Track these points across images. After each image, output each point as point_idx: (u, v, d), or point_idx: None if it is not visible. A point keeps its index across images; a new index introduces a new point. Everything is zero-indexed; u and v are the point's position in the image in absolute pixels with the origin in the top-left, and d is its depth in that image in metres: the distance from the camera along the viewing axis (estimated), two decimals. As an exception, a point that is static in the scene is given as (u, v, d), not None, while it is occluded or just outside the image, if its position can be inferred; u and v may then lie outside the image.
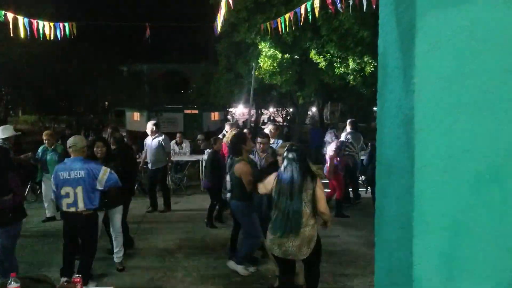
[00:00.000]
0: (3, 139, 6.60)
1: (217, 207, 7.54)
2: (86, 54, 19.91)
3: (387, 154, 1.45)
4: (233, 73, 14.12)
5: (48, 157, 7.32)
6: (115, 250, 5.57)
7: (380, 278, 1.52)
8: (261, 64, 12.32)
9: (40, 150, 7.52)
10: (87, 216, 4.73)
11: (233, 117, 28.08)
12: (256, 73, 12.54)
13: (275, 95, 14.63)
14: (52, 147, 7.39)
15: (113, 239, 5.61)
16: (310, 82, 12.99)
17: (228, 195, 5.61)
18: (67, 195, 4.63)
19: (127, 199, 6.21)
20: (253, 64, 12.66)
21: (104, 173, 4.72)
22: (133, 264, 5.81)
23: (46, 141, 7.40)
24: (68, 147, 4.84)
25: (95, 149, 5.37)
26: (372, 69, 11.68)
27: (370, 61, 11.62)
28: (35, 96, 19.01)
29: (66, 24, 8.62)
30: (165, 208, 8.50)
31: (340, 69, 12.10)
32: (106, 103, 29.03)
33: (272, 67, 12.13)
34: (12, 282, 2.77)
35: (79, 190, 4.61)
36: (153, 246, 6.42)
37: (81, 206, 4.65)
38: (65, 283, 2.88)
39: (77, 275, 3.00)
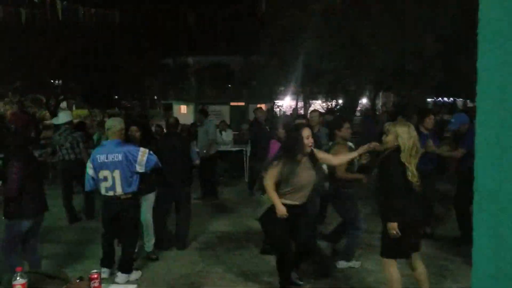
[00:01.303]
0: (63, 123, 6.78)
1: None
2: (133, 47, 20.06)
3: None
4: (279, 60, 13.50)
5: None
6: (145, 239, 5.25)
7: None
8: (309, 49, 11.61)
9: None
10: (126, 201, 4.47)
11: (280, 109, 27.48)
12: (303, 60, 11.87)
13: (324, 83, 13.86)
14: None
15: (143, 228, 5.25)
16: (361, 67, 12.15)
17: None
18: (105, 178, 4.43)
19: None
20: (300, 49, 11.97)
21: (143, 154, 4.47)
22: (170, 255, 5.41)
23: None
24: (106, 129, 4.65)
25: (129, 133, 5.12)
26: (432, 52, 10.72)
27: (430, 41, 10.61)
28: (84, 89, 19.40)
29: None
30: (212, 197, 8.20)
31: (394, 52, 11.19)
32: (155, 97, 29.37)
33: (320, 52, 11.41)
34: (18, 278, 2.37)
35: (116, 174, 4.39)
36: (192, 237, 5.98)
37: (119, 190, 4.43)
38: (79, 280, 2.44)
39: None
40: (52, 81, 17.17)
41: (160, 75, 23.61)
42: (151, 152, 4.58)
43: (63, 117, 6.91)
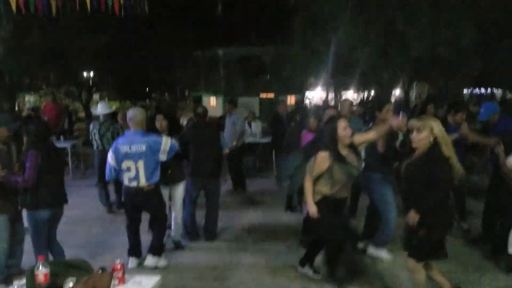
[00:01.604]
0: (104, 115, 6.86)
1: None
2: (164, 39, 20.21)
3: None
4: (310, 50, 13.18)
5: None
6: (173, 228, 5.24)
7: None
8: (342, 38, 11.27)
9: None
10: (149, 192, 4.46)
11: (310, 101, 27.12)
12: (335, 49, 11.54)
13: (356, 73, 13.44)
14: None
15: (172, 216, 5.24)
16: (395, 56, 11.71)
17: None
18: (129, 169, 4.40)
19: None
20: (332, 38, 11.65)
21: (166, 142, 4.47)
22: (198, 246, 5.35)
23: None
24: (127, 120, 4.58)
25: (156, 122, 5.10)
26: (470, 40, 10.19)
27: (468, 29, 10.09)
28: (116, 81, 19.70)
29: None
30: (239, 189, 8.11)
31: (430, 39, 10.70)
32: (186, 91, 29.60)
33: (353, 41, 11.06)
34: (41, 267, 2.31)
35: (140, 164, 4.36)
36: (221, 229, 5.89)
37: (142, 181, 4.40)
38: (101, 271, 2.36)
39: (135, 257, 2.48)
40: (84, 73, 17.48)
41: (190, 67, 23.72)
42: (172, 139, 4.58)
43: (102, 108, 6.98)
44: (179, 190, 5.22)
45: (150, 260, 4.60)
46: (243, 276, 4.48)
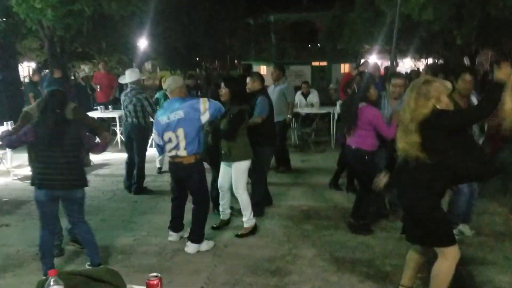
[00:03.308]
0: (130, 83, 6.13)
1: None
2: (213, 6, 19.52)
3: None
4: (373, 10, 11.98)
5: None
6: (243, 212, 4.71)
7: None
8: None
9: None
10: (189, 164, 4.12)
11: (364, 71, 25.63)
12: (402, 9, 10.31)
13: (424, 36, 12.11)
14: None
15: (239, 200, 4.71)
16: (471, 16, 10.32)
17: None
18: (170, 140, 4.11)
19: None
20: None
21: (204, 102, 4.09)
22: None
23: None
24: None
25: (219, 91, 4.69)
26: None
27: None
28: (166, 50, 19.36)
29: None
30: (282, 167, 7.20)
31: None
32: (235, 60, 28.96)
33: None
34: (52, 284, 1.76)
35: (180, 132, 4.04)
36: (275, 213, 5.29)
37: (182, 151, 4.08)
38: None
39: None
40: (137, 43, 17.17)
41: (241, 35, 22.94)
42: (211, 99, 4.23)
43: (130, 76, 6.12)
44: (241, 172, 4.59)
45: (189, 248, 4.25)
46: (305, 272, 3.85)
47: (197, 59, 25.15)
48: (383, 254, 4.14)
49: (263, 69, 29.23)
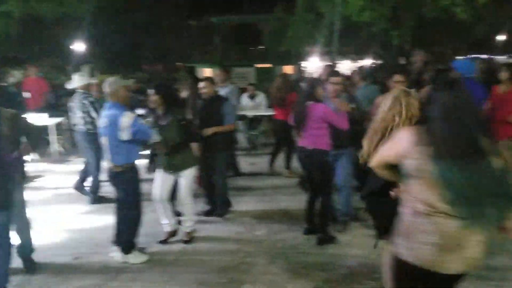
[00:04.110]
0: (78, 87, 5.83)
1: None
2: (153, 7, 18.99)
3: None
4: (314, 13, 12.14)
5: None
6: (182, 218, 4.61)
7: None
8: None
9: None
10: (117, 174, 3.96)
11: (304, 72, 26.12)
12: (342, 10, 10.52)
13: (362, 39, 12.49)
14: None
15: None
16: (406, 18, 10.73)
17: None
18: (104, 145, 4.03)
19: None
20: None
21: (127, 118, 3.80)
22: (203, 238, 4.58)
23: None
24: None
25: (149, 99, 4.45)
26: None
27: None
28: (104, 52, 18.58)
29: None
30: (233, 171, 6.99)
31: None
32: (179, 62, 28.46)
33: (362, 1, 10.01)
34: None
35: (105, 141, 3.94)
36: (226, 219, 5.13)
37: (110, 158, 3.96)
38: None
39: None
40: (71, 45, 16.32)
41: (184, 36, 22.55)
42: (141, 119, 4.09)
43: (78, 80, 5.86)
44: (186, 179, 4.43)
45: (114, 254, 4.12)
46: (259, 280, 3.72)
47: (139, 61, 24.43)
48: (338, 256, 4.11)
49: (207, 72, 28.95)
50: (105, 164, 4.23)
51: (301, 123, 4.38)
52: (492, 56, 17.89)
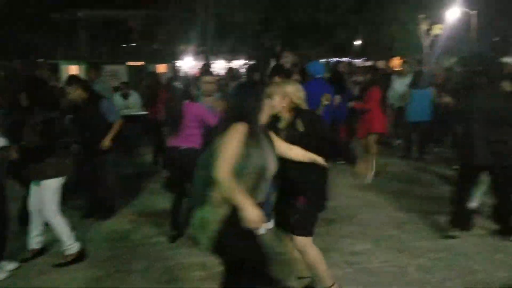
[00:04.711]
0: None
1: None
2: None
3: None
4: (188, 11, 12.09)
5: None
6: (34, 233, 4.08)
7: None
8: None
9: None
10: None
11: (177, 70, 25.97)
12: (214, 10, 10.68)
13: (235, 39, 12.79)
14: None
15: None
16: (276, 21, 11.32)
17: None
18: None
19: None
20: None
21: None
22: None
23: None
24: None
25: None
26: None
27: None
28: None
29: None
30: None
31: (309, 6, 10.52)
32: (45, 60, 26.02)
33: (234, 4, 10.29)
34: None
35: None
36: (96, 226, 4.82)
37: None
38: None
39: None
40: None
41: (45, 31, 20.63)
42: None
43: None
44: (48, 191, 3.87)
45: None
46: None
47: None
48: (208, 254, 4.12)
49: (74, 70, 26.95)
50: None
51: (177, 122, 4.31)
52: (351, 60, 19.89)
